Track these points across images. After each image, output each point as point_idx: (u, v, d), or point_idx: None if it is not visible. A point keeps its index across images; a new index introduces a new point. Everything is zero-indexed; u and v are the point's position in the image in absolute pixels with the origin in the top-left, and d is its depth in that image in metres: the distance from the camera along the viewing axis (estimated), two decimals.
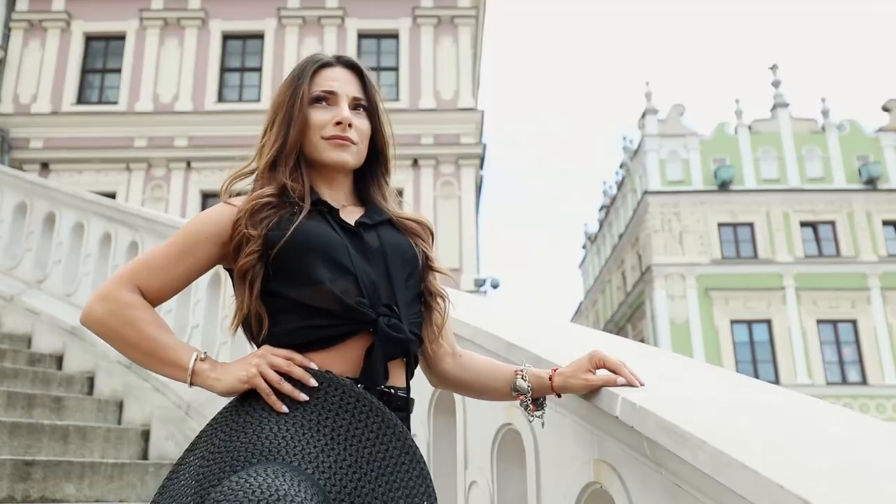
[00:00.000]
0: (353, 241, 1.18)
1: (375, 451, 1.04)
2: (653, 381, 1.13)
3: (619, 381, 1.15)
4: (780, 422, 0.97)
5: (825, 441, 0.91)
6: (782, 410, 1.04)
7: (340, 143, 1.22)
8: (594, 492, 1.27)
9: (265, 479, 0.93)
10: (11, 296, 4.82)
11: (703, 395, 1.11)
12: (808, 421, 1.00)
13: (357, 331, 1.13)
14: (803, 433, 0.92)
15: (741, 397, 1.12)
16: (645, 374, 1.15)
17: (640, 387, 1.12)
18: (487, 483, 1.64)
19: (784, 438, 0.89)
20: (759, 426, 0.95)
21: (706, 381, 1.26)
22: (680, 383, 1.21)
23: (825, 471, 0.79)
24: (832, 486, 0.74)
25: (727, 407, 1.04)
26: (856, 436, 0.97)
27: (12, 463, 2.63)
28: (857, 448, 0.92)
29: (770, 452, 0.84)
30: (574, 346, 1.26)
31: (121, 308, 1.15)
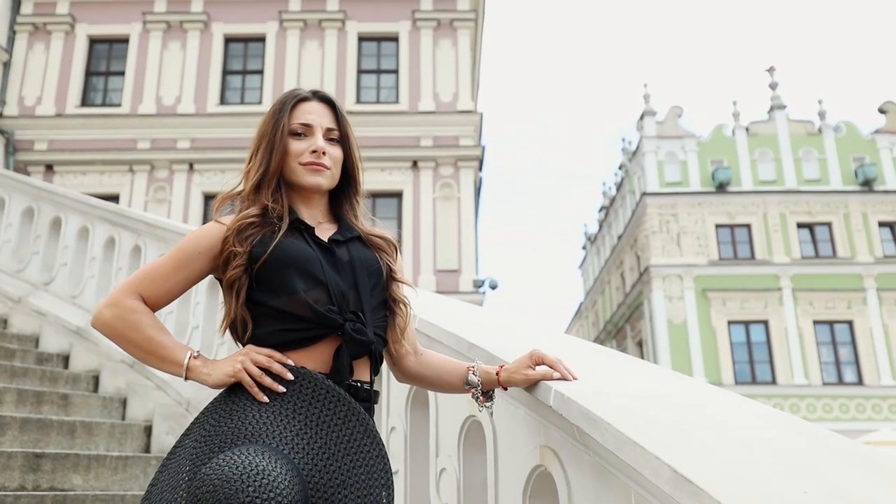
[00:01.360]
0: (326, 255, 1.37)
1: (342, 435, 1.22)
2: (584, 375, 1.31)
3: (555, 375, 1.33)
4: (676, 409, 1.15)
5: (709, 424, 1.09)
6: (681, 399, 1.23)
7: (316, 168, 1.41)
8: (540, 473, 1.46)
9: (247, 458, 1.13)
10: (19, 297, 5.02)
11: (620, 387, 1.30)
12: (699, 408, 1.18)
13: (327, 334, 1.32)
14: (692, 417, 1.11)
15: (652, 389, 1.31)
16: (579, 368, 1.33)
17: (572, 380, 1.31)
18: (455, 469, 1.82)
19: (674, 422, 1.08)
20: (658, 412, 1.13)
21: (628, 375, 1.44)
22: (605, 376, 1.39)
23: (701, 447, 0.97)
24: (702, 458, 0.92)
25: (637, 397, 1.22)
26: (740, 421, 1.16)
27: (23, 455, 2.82)
28: (736, 429, 1.10)
29: (659, 432, 1.02)
30: (523, 345, 1.44)
31: (126, 313, 1.34)
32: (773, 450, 1.00)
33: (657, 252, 22.25)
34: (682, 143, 23.28)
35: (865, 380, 20.99)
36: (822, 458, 1.01)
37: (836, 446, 1.13)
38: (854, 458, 1.06)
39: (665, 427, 1.05)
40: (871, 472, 1.00)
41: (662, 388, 1.32)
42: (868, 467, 1.02)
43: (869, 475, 0.99)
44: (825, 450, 1.09)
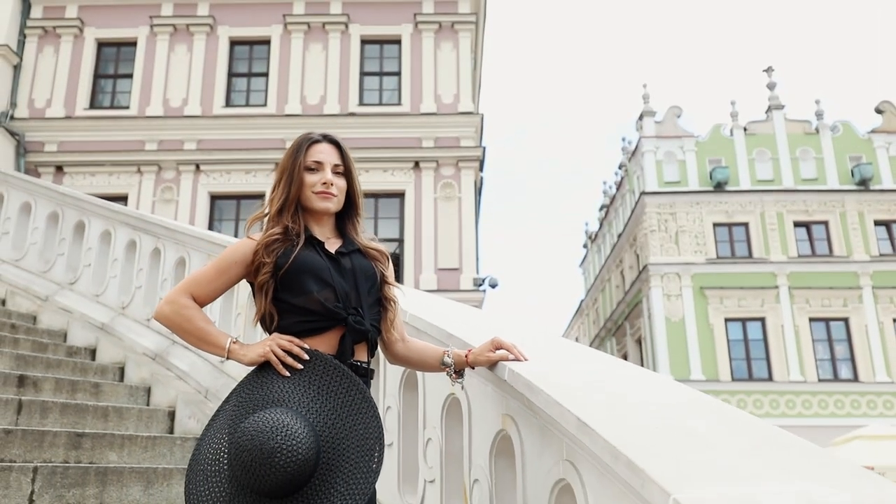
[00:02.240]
0: (334, 264, 1.76)
1: (345, 401, 1.61)
2: (533, 357, 1.69)
3: (510, 357, 1.72)
4: (593, 382, 1.53)
5: (613, 392, 1.47)
6: (600, 376, 1.60)
7: (325, 196, 1.80)
8: (502, 436, 1.84)
9: (275, 416, 1.52)
10: (47, 296, 5.41)
11: (558, 366, 1.67)
12: (610, 381, 1.56)
13: (335, 325, 1.72)
14: (602, 387, 1.48)
15: (581, 368, 1.69)
16: (530, 352, 1.71)
17: (524, 361, 1.69)
18: (438, 438, 2.21)
19: (587, 390, 1.45)
20: (579, 383, 1.50)
21: (569, 358, 1.82)
22: (549, 359, 1.76)
23: (603, 405, 1.35)
24: (601, 412, 1.29)
25: (567, 373, 1.60)
26: (643, 393, 1.53)
27: (66, 434, 3.22)
28: (635, 396, 1.48)
29: (574, 395, 1.40)
30: (489, 334, 1.82)
31: (181, 308, 1.74)
32: (657, 411, 1.37)
33: (656, 251, 22.59)
34: (680, 143, 23.61)
35: (860, 376, 21.31)
36: (697, 417, 1.38)
37: (725, 415, 1.50)
38: (730, 422, 1.43)
39: (579, 392, 1.42)
40: (720, 421, 1.38)
41: (589, 368, 1.70)
42: (728, 423, 1.39)
43: (717, 423, 1.37)
44: (709, 415, 1.46)
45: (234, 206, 16.75)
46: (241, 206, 16.68)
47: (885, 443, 14.62)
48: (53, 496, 2.83)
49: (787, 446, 1.27)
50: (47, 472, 2.88)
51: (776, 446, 1.28)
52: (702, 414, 1.43)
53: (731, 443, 1.27)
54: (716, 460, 1.16)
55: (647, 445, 1.16)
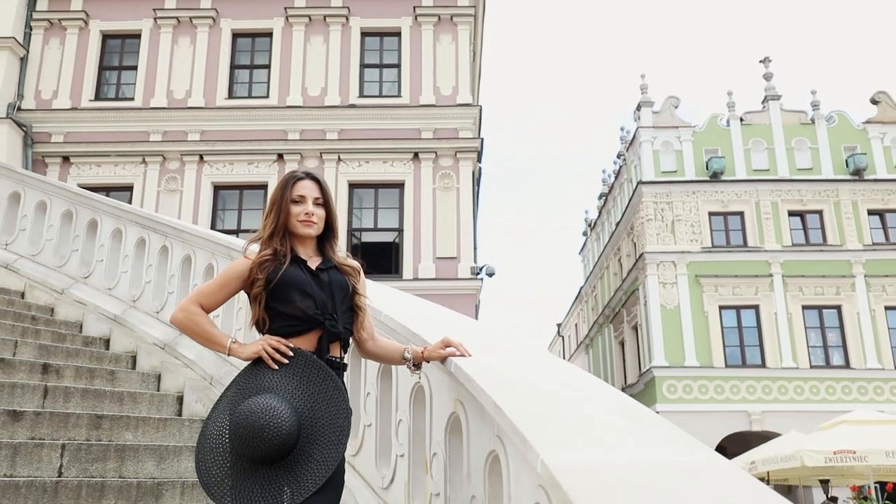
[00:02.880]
0: (314, 278, 2.16)
1: (321, 389, 2.02)
2: (476, 354, 2.09)
3: (456, 353, 2.12)
4: (520, 374, 1.93)
5: (532, 383, 1.87)
6: (528, 369, 2.00)
7: (307, 223, 2.21)
8: (455, 418, 2.24)
9: (265, 400, 1.93)
10: (62, 289, 5.83)
11: (492, 361, 2.08)
12: (537, 373, 1.96)
13: (314, 328, 2.13)
14: (523, 377, 1.88)
15: (515, 363, 2.09)
16: (474, 349, 2.11)
17: (468, 356, 2.09)
18: (407, 419, 2.62)
19: (509, 379, 1.85)
20: (507, 375, 1.90)
21: (504, 354, 2.22)
22: (488, 355, 2.16)
23: (517, 392, 1.75)
24: (513, 396, 1.69)
25: (501, 367, 2.00)
26: (553, 382, 1.94)
27: (88, 416, 3.65)
28: (544, 384, 1.88)
29: (498, 384, 1.80)
30: (444, 333, 2.23)
31: (192, 315, 2.15)
32: (560, 398, 1.77)
33: (652, 239, 22.95)
34: (677, 133, 23.90)
35: (852, 363, 21.70)
36: (594, 405, 1.79)
37: (621, 403, 1.90)
38: (621, 409, 1.83)
39: (502, 382, 1.82)
40: (613, 409, 1.78)
41: (519, 363, 2.10)
42: (619, 410, 1.79)
43: (609, 410, 1.77)
44: (606, 404, 1.86)
45: (237, 196, 17.11)
46: (243, 196, 17.05)
47: (868, 427, 15.04)
48: (79, 469, 3.27)
49: (657, 428, 1.67)
50: (73, 448, 3.32)
51: (649, 427, 1.67)
52: (599, 402, 1.82)
53: (611, 423, 1.66)
54: (592, 435, 1.55)
55: (538, 424, 1.56)
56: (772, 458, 15.83)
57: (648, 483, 1.25)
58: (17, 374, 4.13)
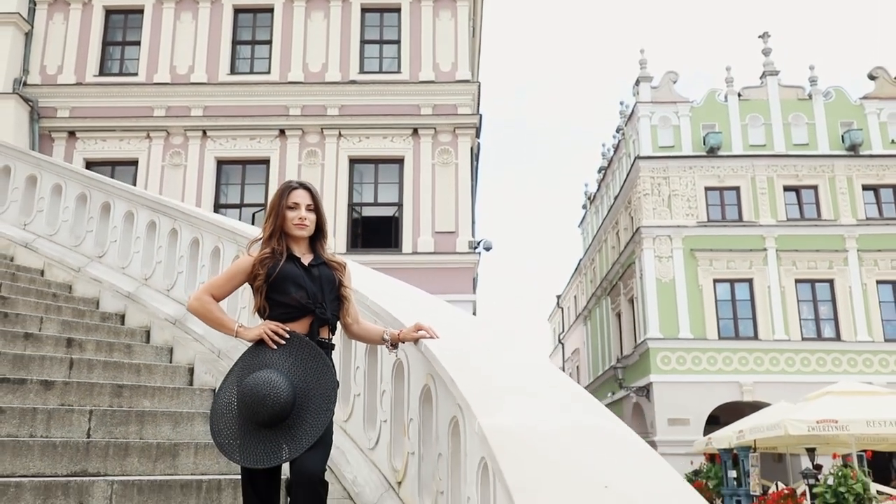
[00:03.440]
0: (307, 273, 2.58)
1: (313, 365, 2.44)
2: (443, 336, 2.51)
3: (426, 335, 2.54)
4: (477, 352, 2.35)
5: (487, 360, 2.29)
6: (486, 348, 2.43)
7: (301, 226, 2.62)
8: (427, 390, 2.67)
9: (266, 375, 2.37)
10: (79, 267, 6.25)
11: (455, 341, 2.49)
12: (493, 352, 2.39)
13: (307, 314, 2.56)
14: (478, 352, 2.30)
15: (475, 343, 2.51)
16: (442, 332, 2.53)
17: (436, 338, 2.51)
18: (390, 390, 3.06)
19: (464, 353, 2.27)
20: (467, 352, 2.32)
21: (467, 335, 2.64)
22: (452, 336, 2.58)
23: (470, 371, 2.16)
24: (463, 374, 2.11)
25: (460, 344, 2.42)
26: (509, 362, 2.36)
27: (110, 385, 4.11)
28: (499, 364, 2.30)
29: (455, 359, 2.22)
30: (419, 318, 2.64)
31: (205, 303, 2.57)
32: (508, 373, 2.18)
33: (648, 214, 23.29)
34: (675, 108, 24.10)
35: (842, 335, 22.15)
36: (536, 380, 2.20)
37: (558, 379, 2.32)
38: (557, 384, 2.25)
39: (460, 359, 2.24)
40: (552, 384, 2.20)
41: (479, 343, 2.52)
42: (555, 385, 2.21)
43: (548, 384, 2.19)
44: (547, 378, 2.28)
45: (239, 171, 17.44)
46: (246, 171, 17.39)
47: (851, 398, 15.54)
48: (104, 432, 3.73)
49: (586, 400, 2.09)
50: (99, 413, 3.77)
51: (579, 399, 2.09)
52: (542, 377, 2.24)
53: (548, 395, 2.08)
54: (528, 404, 1.96)
55: (482, 395, 1.97)
56: (758, 426, 16.36)
57: (551, 438, 1.66)
58: (44, 347, 4.58)
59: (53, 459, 3.32)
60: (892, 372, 21.76)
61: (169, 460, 3.56)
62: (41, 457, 3.30)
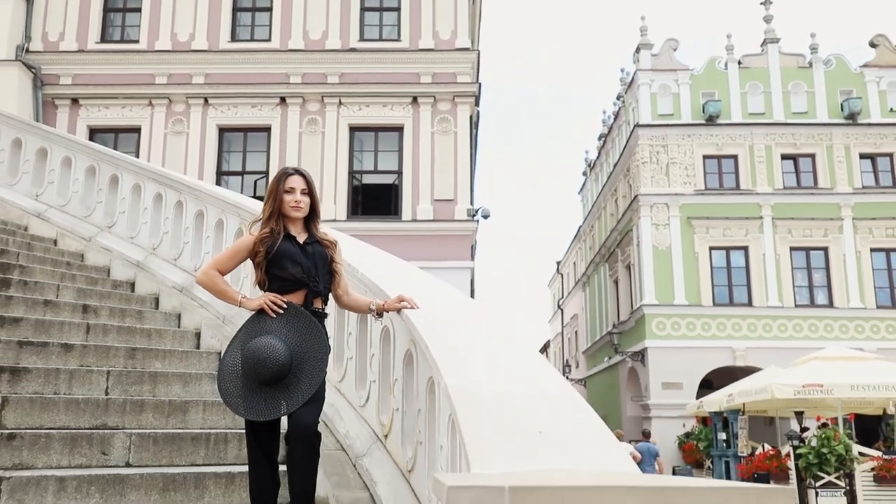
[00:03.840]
0: (302, 250, 2.91)
1: (307, 331, 2.78)
2: (423, 306, 2.84)
3: (408, 306, 2.88)
4: (452, 322, 2.69)
5: (460, 328, 2.63)
6: (461, 317, 2.77)
7: (296, 208, 2.94)
8: (409, 354, 3.01)
9: (266, 340, 2.71)
10: (90, 237, 6.59)
11: (433, 311, 2.83)
12: (466, 322, 2.72)
13: (302, 287, 2.89)
14: (454, 324, 2.64)
15: (452, 314, 2.85)
16: (422, 303, 2.87)
17: (417, 308, 2.84)
18: (378, 354, 3.41)
19: (438, 320, 2.61)
20: (440, 318, 2.66)
21: (444, 305, 2.98)
22: (430, 306, 2.91)
23: (443, 339, 2.50)
24: (437, 341, 2.45)
25: (441, 316, 2.76)
26: (479, 331, 2.69)
27: (124, 349, 4.47)
28: (470, 332, 2.64)
29: (431, 325, 2.56)
30: (402, 290, 2.97)
31: (212, 277, 2.91)
32: (477, 342, 2.52)
33: (646, 182, 23.50)
34: (675, 76, 24.14)
35: (835, 302, 22.52)
36: (499, 345, 2.53)
37: (519, 346, 2.65)
38: (517, 351, 2.58)
39: (436, 328, 2.57)
40: (515, 351, 2.54)
41: (455, 314, 2.86)
42: (515, 351, 2.55)
43: (512, 351, 2.53)
44: (511, 347, 2.62)
45: (241, 138, 17.66)
46: (247, 138, 17.62)
47: (837, 363, 15.97)
48: (121, 390, 4.10)
49: (537, 365, 2.42)
50: (115, 374, 4.14)
51: (531, 365, 2.43)
52: (503, 346, 2.58)
53: (506, 361, 2.41)
54: (491, 366, 2.29)
55: (451, 360, 2.31)
56: (747, 390, 16.83)
57: (503, 397, 2.00)
58: (62, 313, 4.94)
59: (77, 414, 3.69)
60: (882, 338, 22.17)
61: (180, 416, 3.94)
62: (66, 412, 3.67)
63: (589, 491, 1.19)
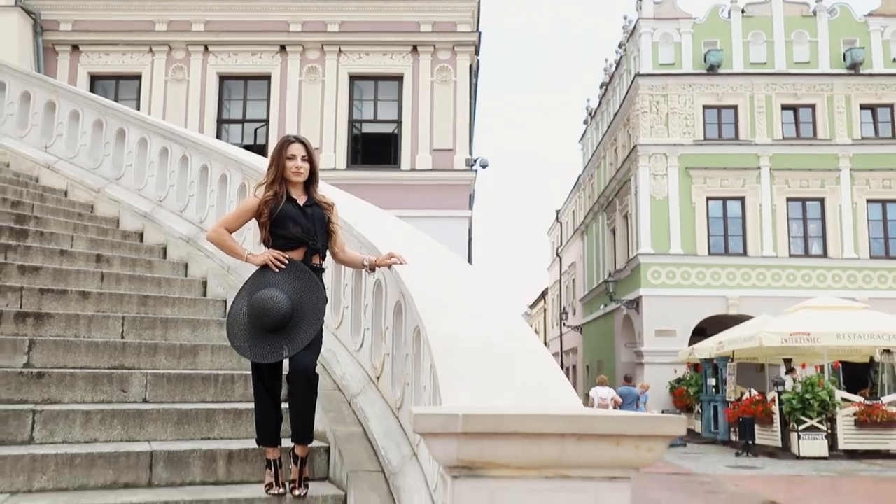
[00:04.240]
0: (302, 212, 3.21)
1: (307, 285, 3.10)
2: (411, 261, 3.16)
3: (397, 262, 3.19)
4: (436, 274, 3.00)
5: (441, 279, 2.94)
6: (443, 270, 3.08)
7: (297, 173, 3.22)
8: (398, 304, 3.34)
9: (270, 292, 3.04)
10: (99, 188, 6.87)
11: (421, 261, 3.15)
12: (447, 274, 3.04)
13: (302, 245, 3.20)
14: (436, 275, 2.96)
15: (434, 269, 3.16)
16: (410, 258, 3.18)
17: (405, 264, 3.16)
18: (371, 304, 3.74)
19: (420, 272, 2.93)
20: (424, 271, 2.97)
21: (431, 259, 3.29)
22: (418, 260, 3.22)
23: (426, 287, 2.82)
24: (420, 290, 2.76)
25: (421, 266, 3.07)
26: (456, 280, 3.01)
27: (137, 296, 4.81)
28: (448, 282, 2.96)
29: (415, 276, 2.87)
30: (392, 247, 3.28)
31: (220, 235, 3.22)
32: (455, 289, 2.83)
33: (646, 132, 23.58)
34: (677, 25, 23.97)
35: (829, 252, 22.85)
36: (474, 292, 2.85)
37: (495, 292, 2.97)
38: (492, 297, 2.91)
39: (420, 279, 2.89)
40: (490, 297, 2.86)
41: (439, 267, 3.18)
42: (489, 297, 2.87)
43: (487, 296, 2.85)
44: (488, 295, 2.93)
45: (241, 86, 17.74)
46: (248, 86, 17.70)
47: (825, 312, 16.41)
48: (136, 335, 4.46)
49: (509, 317, 2.74)
50: (130, 319, 4.49)
51: (503, 317, 2.75)
52: (481, 298, 2.89)
53: (482, 312, 2.73)
54: (467, 317, 2.61)
55: (432, 310, 2.62)
56: (736, 338, 17.33)
57: (476, 345, 2.33)
58: (77, 262, 5.27)
59: (97, 356, 4.05)
60: (874, 287, 22.57)
61: (190, 358, 4.30)
62: (87, 353, 4.03)
63: (521, 417, 1.52)
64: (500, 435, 1.50)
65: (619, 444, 1.51)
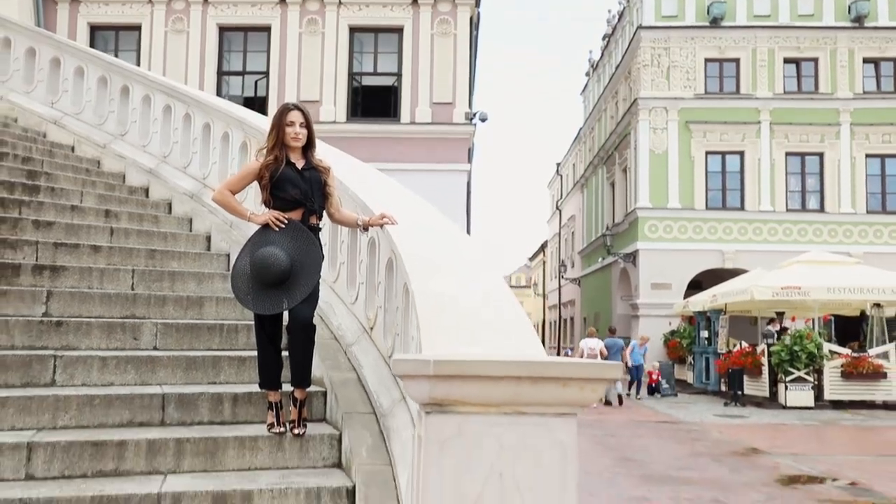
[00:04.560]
0: (300, 175, 3.45)
1: (304, 243, 3.37)
2: (401, 221, 3.41)
3: (388, 222, 3.44)
4: (419, 227, 3.26)
5: (427, 236, 3.20)
6: (431, 227, 3.35)
7: (296, 139, 3.45)
8: (390, 260, 3.61)
9: (270, 249, 3.31)
10: (104, 144, 7.08)
11: (409, 221, 3.41)
12: (433, 231, 3.30)
13: (300, 206, 3.46)
14: (420, 228, 3.22)
15: (417, 220, 3.42)
16: (401, 219, 3.44)
17: (395, 224, 3.41)
18: (365, 260, 4.01)
19: (408, 229, 3.19)
20: (413, 230, 3.23)
21: (419, 219, 3.55)
22: (408, 220, 3.48)
23: (414, 244, 3.08)
24: (407, 248, 3.03)
25: (409, 224, 3.34)
26: (441, 241, 3.27)
27: (145, 250, 5.09)
28: (433, 240, 3.22)
29: (403, 235, 3.13)
30: (384, 208, 3.54)
31: (225, 196, 3.48)
32: (442, 249, 3.08)
33: (646, 85, 23.50)
34: None
35: (827, 207, 23.02)
36: (461, 250, 3.10)
37: (477, 253, 3.23)
38: (472, 262, 3.17)
39: (409, 238, 3.15)
40: (473, 255, 3.12)
41: (428, 225, 3.45)
42: (471, 259, 3.13)
43: (472, 254, 3.11)
44: (472, 253, 3.19)
45: (241, 38, 17.72)
46: (248, 38, 17.68)
47: (818, 266, 16.70)
48: (145, 287, 4.75)
49: (488, 272, 3.01)
50: (139, 272, 4.77)
51: (484, 271, 3.01)
52: (464, 257, 3.15)
53: (463, 269, 2.99)
54: (450, 274, 2.87)
55: (419, 267, 2.89)
56: (729, 291, 17.67)
57: (457, 298, 2.60)
58: (87, 217, 5.53)
59: (110, 306, 4.35)
60: (869, 242, 22.79)
61: (196, 309, 4.60)
62: (100, 304, 4.33)
63: (483, 363, 1.79)
64: (465, 377, 1.78)
65: (566, 385, 1.79)
